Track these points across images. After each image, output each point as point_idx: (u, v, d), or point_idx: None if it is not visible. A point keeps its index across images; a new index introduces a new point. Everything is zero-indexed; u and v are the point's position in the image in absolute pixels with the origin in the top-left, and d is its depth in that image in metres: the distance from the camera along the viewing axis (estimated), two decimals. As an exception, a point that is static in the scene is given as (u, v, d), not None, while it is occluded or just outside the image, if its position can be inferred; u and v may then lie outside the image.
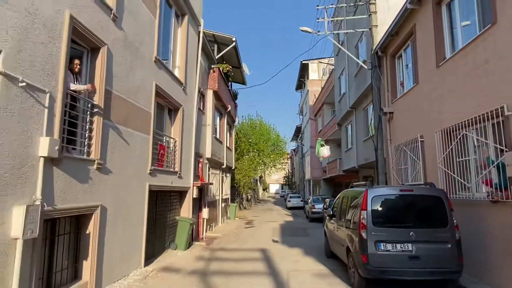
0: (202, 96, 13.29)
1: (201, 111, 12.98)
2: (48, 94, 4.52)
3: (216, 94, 14.68)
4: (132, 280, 6.55)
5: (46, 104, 4.51)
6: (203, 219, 12.91)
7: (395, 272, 5.61)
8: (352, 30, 12.34)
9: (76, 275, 5.53)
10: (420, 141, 8.42)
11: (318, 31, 11.42)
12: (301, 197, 33.66)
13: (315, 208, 19.15)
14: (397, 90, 10.25)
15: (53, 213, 4.68)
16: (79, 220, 5.63)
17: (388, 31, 9.86)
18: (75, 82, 5.36)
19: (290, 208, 30.59)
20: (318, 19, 12.97)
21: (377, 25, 10.69)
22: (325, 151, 6.51)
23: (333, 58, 22.90)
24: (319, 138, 6.89)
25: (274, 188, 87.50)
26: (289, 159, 61.45)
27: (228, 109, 17.47)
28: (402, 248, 5.71)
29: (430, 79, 7.97)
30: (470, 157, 6.62)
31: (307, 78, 32.88)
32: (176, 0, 9.81)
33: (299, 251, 9.95)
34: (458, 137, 6.81)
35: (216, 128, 15.75)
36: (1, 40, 3.86)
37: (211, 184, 14.54)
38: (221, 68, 15.12)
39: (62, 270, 5.23)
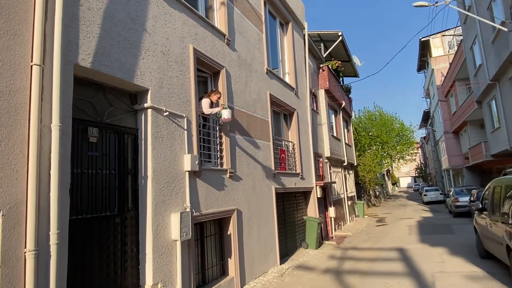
0: (314, 96, 13.35)
1: (315, 112, 13.05)
2: (185, 118, 5.39)
3: (328, 92, 14.54)
4: (271, 277, 7.05)
5: (185, 127, 5.37)
6: (330, 218, 12.86)
7: None
8: (480, -10, 10.43)
9: (223, 271, 6.32)
10: None
11: (436, 2, 10.08)
12: (439, 189, 29.79)
13: (459, 202, 16.71)
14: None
15: (200, 217, 5.50)
16: (220, 222, 6.43)
17: (532, -21, 7.99)
18: (211, 107, 6.08)
19: (427, 203, 27.46)
20: (434, -12, 11.40)
21: (515, -25, 8.78)
22: (226, 113, 6.02)
23: (459, 27, 19.73)
24: (225, 104, 6.58)
25: (405, 181, 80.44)
26: (419, 149, 55.35)
27: (342, 105, 17.03)
28: None
29: None
30: None
31: (430, 56, 29.01)
32: (279, 11, 10.21)
33: (444, 250, 8.87)
34: None
35: (332, 126, 15.55)
36: (148, 81, 4.81)
37: (334, 182, 14.37)
38: (330, 66, 14.90)
39: (213, 267, 6.07)
